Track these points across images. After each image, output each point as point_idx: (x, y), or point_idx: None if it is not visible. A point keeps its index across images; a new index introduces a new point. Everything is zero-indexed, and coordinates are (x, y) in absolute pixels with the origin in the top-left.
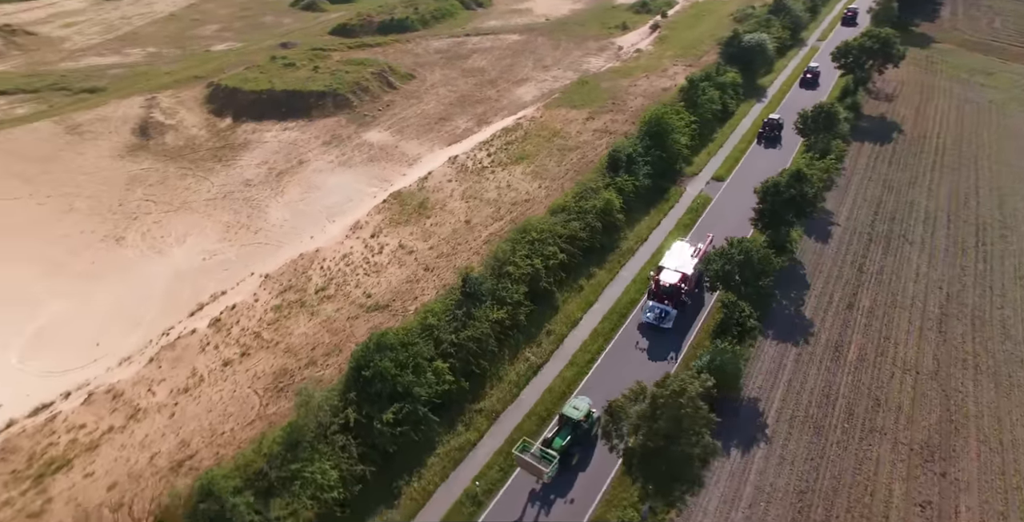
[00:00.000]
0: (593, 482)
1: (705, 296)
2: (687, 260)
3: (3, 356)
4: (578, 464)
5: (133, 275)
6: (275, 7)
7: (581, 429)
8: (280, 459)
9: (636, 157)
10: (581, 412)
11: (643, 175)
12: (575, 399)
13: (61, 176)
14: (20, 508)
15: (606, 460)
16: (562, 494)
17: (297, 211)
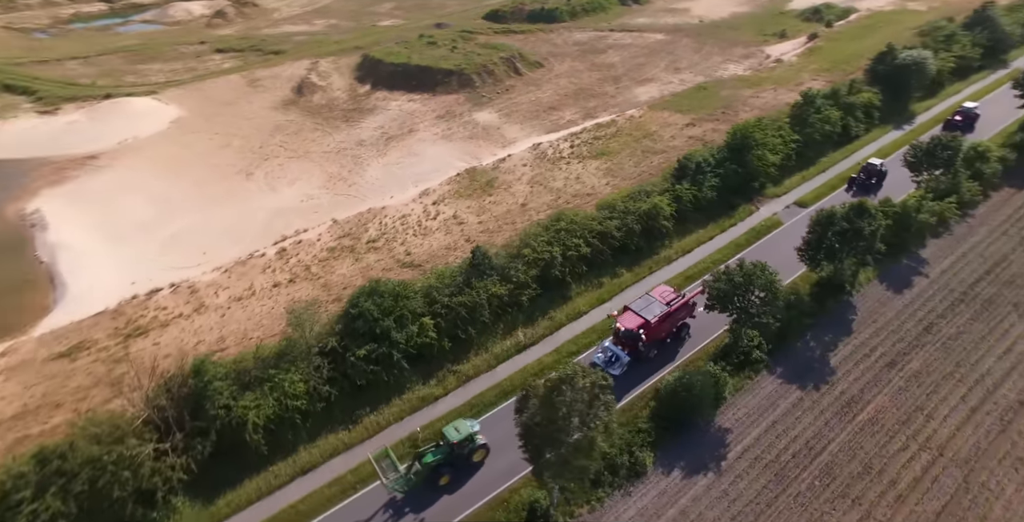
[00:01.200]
0: (456, 505)
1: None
2: (658, 306)
3: (147, 248)
4: (448, 486)
5: (249, 204)
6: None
7: (456, 451)
8: (265, 364)
9: (705, 167)
10: (460, 435)
11: (708, 187)
12: (463, 420)
13: (231, 119)
14: (110, 354)
15: (480, 485)
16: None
17: (390, 173)
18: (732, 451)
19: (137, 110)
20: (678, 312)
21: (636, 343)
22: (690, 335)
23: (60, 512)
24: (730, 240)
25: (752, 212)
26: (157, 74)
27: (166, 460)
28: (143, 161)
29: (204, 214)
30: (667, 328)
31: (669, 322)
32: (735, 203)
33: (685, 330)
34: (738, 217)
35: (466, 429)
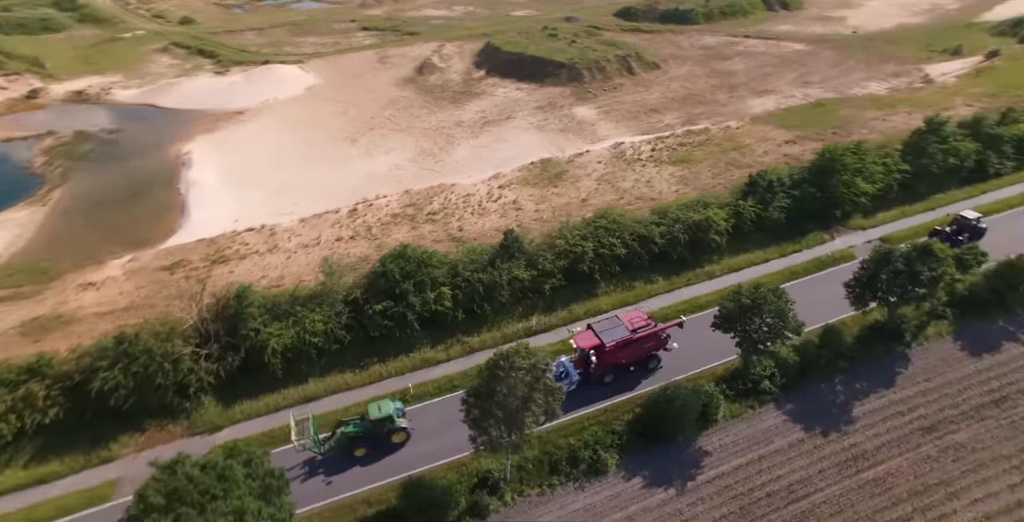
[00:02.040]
0: (363, 477)
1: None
2: (621, 331)
3: (256, 193)
4: (363, 459)
5: (346, 167)
6: None
7: (375, 429)
8: (295, 301)
9: (777, 186)
10: (381, 414)
11: (777, 207)
12: (388, 401)
13: (355, 90)
14: (198, 276)
15: (393, 464)
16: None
17: (477, 154)
18: (703, 474)
19: (283, 76)
20: (644, 341)
21: (586, 364)
22: (661, 366)
23: (121, 384)
24: (787, 266)
25: (824, 241)
26: (309, 46)
27: (202, 363)
28: (274, 120)
29: (308, 170)
30: (628, 355)
31: (631, 350)
32: (806, 229)
33: (655, 361)
34: (805, 244)
35: (388, 410)
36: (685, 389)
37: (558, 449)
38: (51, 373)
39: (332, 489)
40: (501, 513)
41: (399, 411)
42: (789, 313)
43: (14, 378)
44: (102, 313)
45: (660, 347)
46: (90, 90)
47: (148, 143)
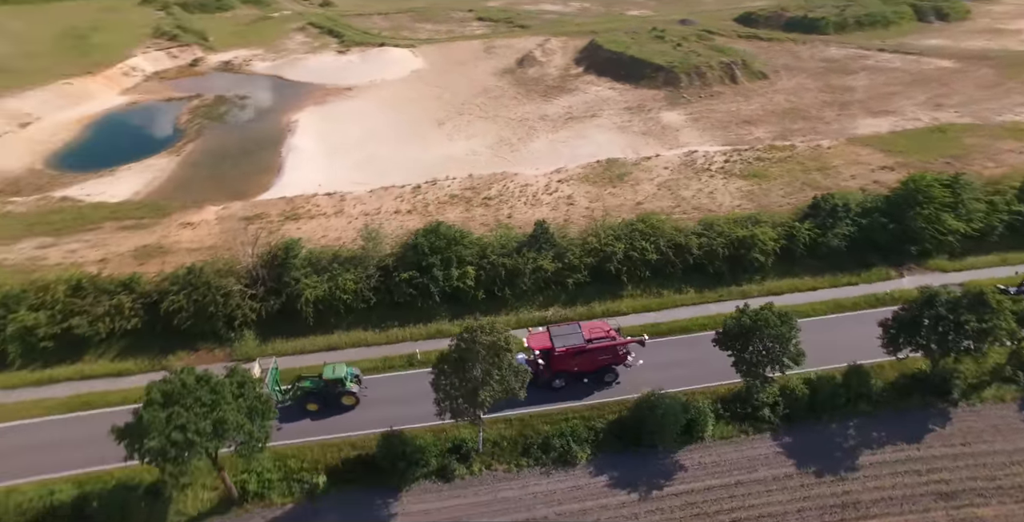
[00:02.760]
0: (309, 430)
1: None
2: (576, 338)
3: (343, 162)
4: (314, 413)
5: (427, 147)
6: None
7: (327, 389)
8: (335, 260)
9: (842, 212)
10: (333, 376)
11: (836, 234)
12: (343, 365)
13: (454, 76)
14: (270, 228)
15: (337, 423)
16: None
17: (552, 148)
18: (672, 487)
19: (394, 58)
20: (598, 352)
21: (535, 365)
22: (618, 382)
23: (183, 307)
24: (835, 297)
25: (889, 278)
26: (425, 32)
27: (248, 301)
28: (376, 98)
29: (393, 147)
30: (581, 364)
31: (583, 359)
32: (871, 262)
33: (611, 375)
34: (865, 278)
35: (340, 373)
36: (670, 399)
37: (535, 433)
38: (138, 290)
39: (325, 428)
40: (466, 481)
41: (352, 377)
42: (791, 341)
43: (112, 289)
44: (191, 249)
45: (617, 361)
46: (235, 61)
47: (268, 109)
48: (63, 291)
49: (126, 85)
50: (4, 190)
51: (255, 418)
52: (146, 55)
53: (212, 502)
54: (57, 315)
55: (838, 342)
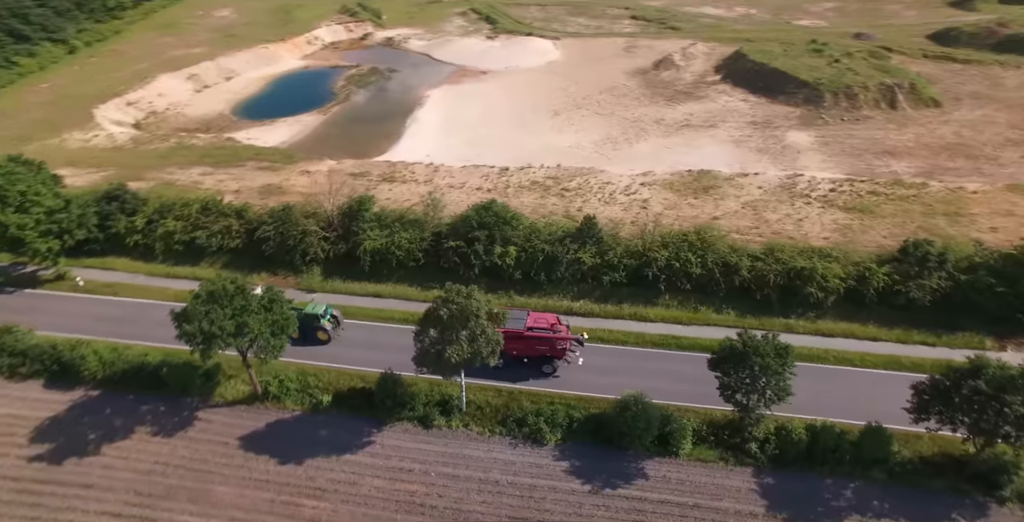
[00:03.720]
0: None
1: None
2: (518, 323)
3: (454, 138)
4: (294, 340)
5: (536, 135)
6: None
7: (305, 321)
8: (398, 220)
9: (934, 263)
10: (312, 312)
11: (921, 286)
12: (321, 304)
13: (586, 71)
14: (368, 183)
15: (302, 352)
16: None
17: (656, 154)
18: (626, 490)
19: (535, 48)
20: (535, 341)
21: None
22: (557, 375)
23: (271, 237)
24: (896, 353)
25: (984, 347)
26: (575, 26)
27: (320, 242)
28: (506, 83)
29: (504, 130)
30: (518, 349)
31: (520, 345)
32: (963, 325)
33: (549, 366)
34: (948, 341)
35: (317, 310)
36: (646, 405)
37: (518, 408)
38: (245, 217)
39: (345, 359)
40: (442, 431)
41: (329, 316)
42: (778, 375)
43: (229, 214)
44: (302, 192)
45: (556, 354)
46: (396, 38)
47: (409, 83)
48: (195, 209)
49: (306, 52)
50: (198, 128)
51: (276, 332)
52: (328, 28)
53: (243, 394)
54: (189, 226)
55: (877, 400)
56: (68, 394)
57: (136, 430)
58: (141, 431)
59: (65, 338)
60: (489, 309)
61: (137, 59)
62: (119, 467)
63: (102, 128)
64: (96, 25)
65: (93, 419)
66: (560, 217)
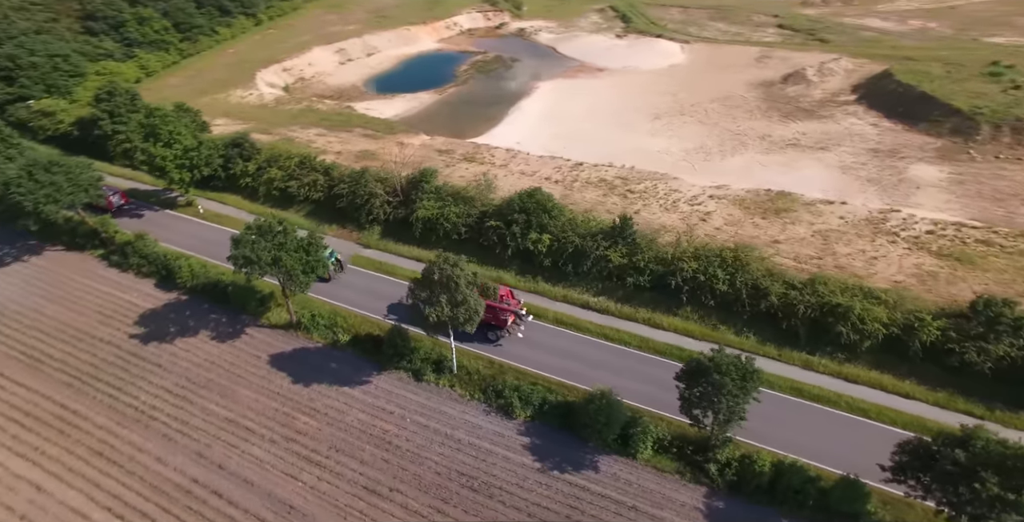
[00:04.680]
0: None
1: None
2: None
3: (548, 129)
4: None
5: (628, 136)
6: None
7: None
8: (451, 194)
9: (1006, 326)
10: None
11: (982, 349)
12: (330, 249)
13: (705, 78)
14: (445, 161)
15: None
16: None
17: (747, 170)
18: (572, 477)
19: (660, 50)
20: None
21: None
22: (499, 344)
23: (343, 195)
24: (924, 415)
25: None
26: (712, 31)
27: (384, 206)
28: (618, 82)
29: (598, 127)
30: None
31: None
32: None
33: (494, 335)
34: (1002, 418)
35: (329, 252)
36: (611, 400)
37: (502, 381)
38: (330, 175)
39: (370, 308)
40: (428, 386)
41: (333, 259)
42: (733, 396)
43: (318, 169)
44: (392, 161)
45: (499, 324)
46: (528, 29)
47: (527, 74)
48: (294, 163)
49: (443, 36)
50: (331, 96)
51: (307, 271)
52: (468, 15)
53: (283, 321)
54: (286, 176)
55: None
56: (167, 294)
57: (201, 331)
58: (204, 333)
59: (175, 251)
60: (477, 281)
61: (302, 32)
62: (181, 357)
63: (257, 88)
64: (280, 2)
65: (176, 316)
66: (608, 216)
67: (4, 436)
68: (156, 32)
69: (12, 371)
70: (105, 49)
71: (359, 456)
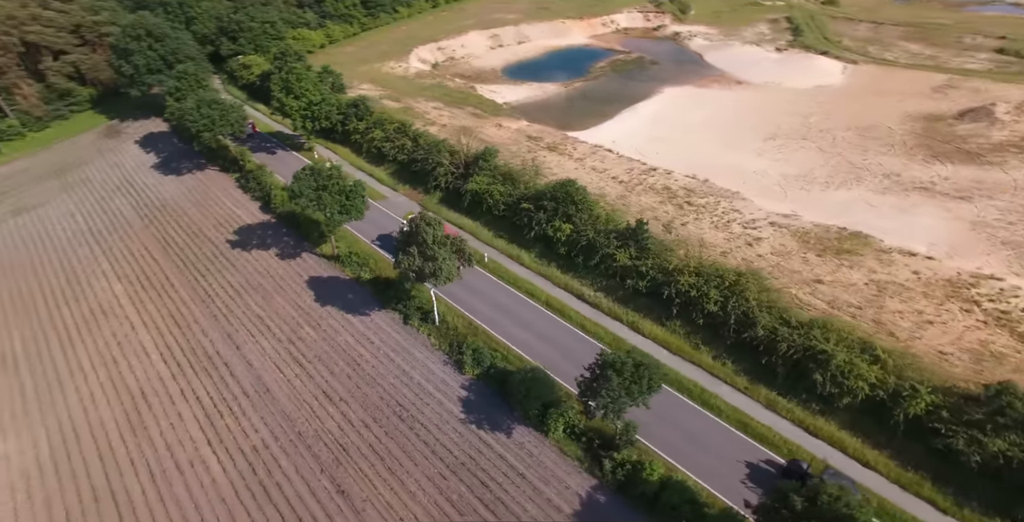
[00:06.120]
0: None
1: None
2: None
3: (647, 132)
4: None
5: (729, 152)
6: None
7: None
8: (505, 174)
9: (1014, 413)
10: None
11: (973, 439)
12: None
13: (854, 103)
14: (530, 147)
15: None
16: None
17: (847, 204)
18: (482, 433)
19: (816, 68)
20: None
21: None
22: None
23: (419, 159)
24: (882, 494)
25: None
26: (896, 52)
27: (447, 175)
28: (749, 97)
29: (704, 139)
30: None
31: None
32: (1019, 513)
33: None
34: (970, 520)
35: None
36: (538, 376)
37: (471, 341)
38: (417, 142)
39: None
40: (409, 330)
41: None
42: (613, 391)
43: (410, 136)
44: (486, 140)
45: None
46: (683, 34)
47: (659, 77)
48: (393, 127)
49: (596, 32)
50: (469, 76)
51: (342, 211)
52: (628, 14)
53: (329, 253)
54: (384, 138)
55: None
56: (264, 215)
57: (272, 247)
58: (273, 249)
59: (280, 182)
60: (451, 241)
61: (469, 16)
62: (250, 262)
63: (408, 63)
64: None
65: (262, 233)
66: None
67: (129, 286)
68: (346, 7)
69: (151, 247)
70: (305, 19)
71: (332, 368)
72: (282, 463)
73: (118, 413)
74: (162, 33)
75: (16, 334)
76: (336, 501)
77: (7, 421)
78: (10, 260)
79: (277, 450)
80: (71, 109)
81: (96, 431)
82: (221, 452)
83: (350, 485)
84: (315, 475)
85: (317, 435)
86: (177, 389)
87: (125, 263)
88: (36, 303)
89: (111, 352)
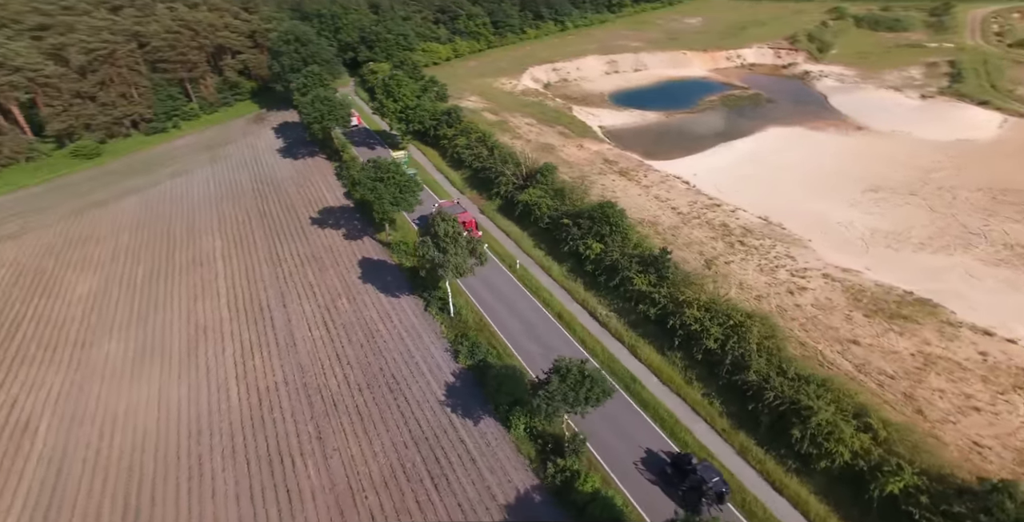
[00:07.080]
0: None
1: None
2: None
3: (739, 170)
4: None
5: (818, 198)
6: None
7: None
8: (558, 189)
9: (1007, 512)
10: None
11: (955, 517)
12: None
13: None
14: (592, 170)
15: None
16: None
17: (941, 271)
18: (455, 417)
19: (964, 118)
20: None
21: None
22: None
23: (484, 167)
24: None
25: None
26: None
27: (507, 185)
28: (865, 145)
29: (794, 182)
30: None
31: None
32: None
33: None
34: None
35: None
36: (511, 373)
37: (475, 334)
38: (493, 152)
39: None
40: (426, 317)
41: (403, 160)
42: (549, 394)
43: (487, 145)
44: (563, 159)
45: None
46: (813, 73)
47: (769, 116)
48: (475, 137)
49: (718, 66)
50: (577, 98)
51: (394, 202)
52: (758, 49)
53: (384, 239)
54: (466, 145)
55: None
56: (346, 200)
57: (342, 228)
58: (342, 229)
59: None
60: (464, 237)
61: (592, 41)
62: (320, 237)
63: (519, 80)
64: (591, 15)
65: (339, 215)
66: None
67: (225, 243)
68: (476, 26)
69: (252, 214)
70: (437, 34)
71: (351, 336)
72: (283, 404)
73: (184, 338)
74: (307, 39)
75: (142, 267)
76: (312, 445)
77: (116, 326)
78: (159, 211)
79: (284, 393)
80: (236, 98)
81: (166, 346)
82: (242, 385)
83: (328, 434)
84: (304, 420)
85: (318, 388)
86: (229, 330)
87: (229, 225)
88: (163, 246)
89: (195, 291)
